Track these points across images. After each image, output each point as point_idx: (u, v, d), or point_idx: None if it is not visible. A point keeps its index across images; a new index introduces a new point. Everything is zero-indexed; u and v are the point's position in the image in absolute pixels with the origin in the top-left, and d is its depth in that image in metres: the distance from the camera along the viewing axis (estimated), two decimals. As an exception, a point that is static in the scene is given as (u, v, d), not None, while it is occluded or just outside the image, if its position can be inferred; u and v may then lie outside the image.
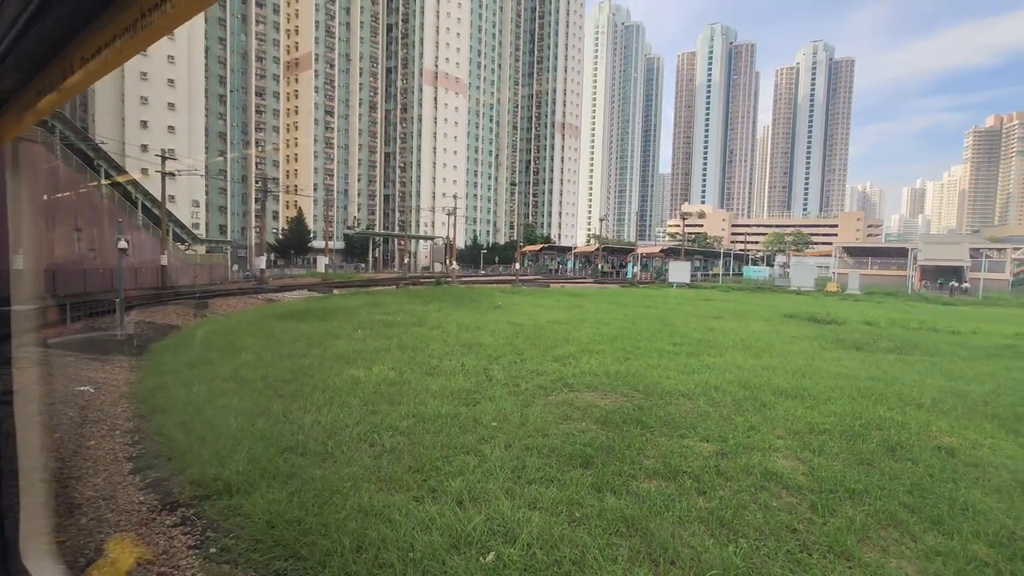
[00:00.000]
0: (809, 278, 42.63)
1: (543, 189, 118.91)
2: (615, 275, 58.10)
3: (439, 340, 13.94)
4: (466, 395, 8.62)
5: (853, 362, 12.71)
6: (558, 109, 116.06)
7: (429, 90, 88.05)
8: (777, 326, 19.61)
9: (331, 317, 18.03)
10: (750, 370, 11.12)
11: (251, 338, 13.65)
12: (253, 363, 10.60)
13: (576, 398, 8.73)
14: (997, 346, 16.13)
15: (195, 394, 8.25)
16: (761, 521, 4.68)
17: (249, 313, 19.47)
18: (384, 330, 15.59)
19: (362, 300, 24.43)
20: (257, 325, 16.21)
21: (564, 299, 28.60)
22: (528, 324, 17.62)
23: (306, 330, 15.17)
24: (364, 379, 9.47)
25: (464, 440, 6.51)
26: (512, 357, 11.92)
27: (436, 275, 45.07)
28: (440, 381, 9.52)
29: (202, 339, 13.47)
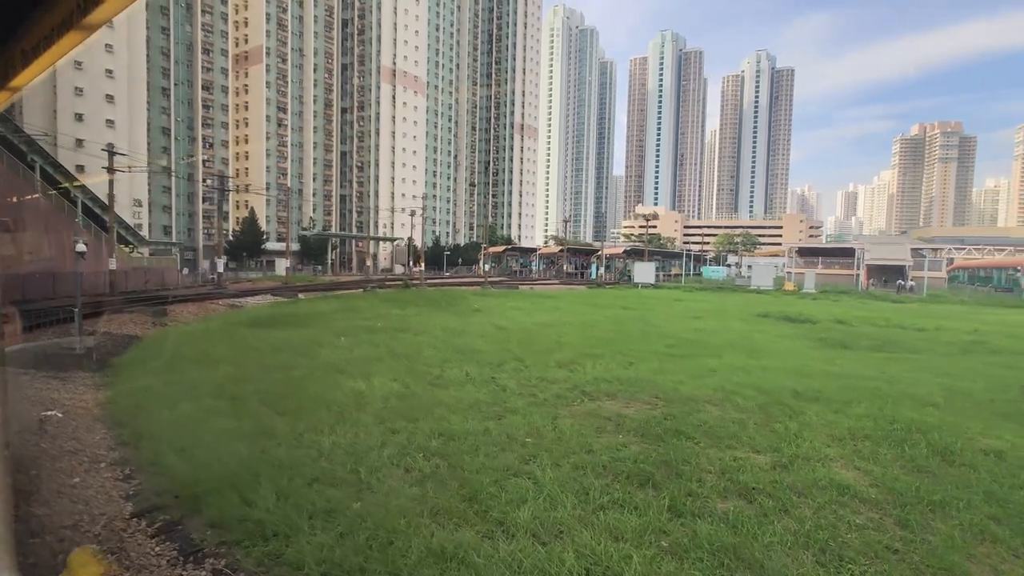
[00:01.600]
0: (768, 278, 44.15)
1: (502, 190, 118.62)
2: (580, 276, 58.44)
3: (430, 347, 13.27)
4: (486, 408, 8.07)
5: (847, 361, 12.91)
6: (517, 110, 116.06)
7: (387, 88, 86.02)
8: (756, 325, 19.93)
9: (307, 324, 16.98)
10: (756, 372, 11.05)
11: (225, 348, 12.57)
12: (237, 377, 9.66)
13: (599, 407, 8.33)
14: (965, 342, 16.87)
15: (183, 415, 7.34)
16: (858, 542, 4.39)
17: (214, 320, 18.11)
18: (368, 337, 14.76)
19: (333, 305, 23.32)
20: (227, 333, 15.03)
21: (539, 301, 28.29)
22: (515, 328, 17.15)
23: (284, 338, 14.15)
24: (368, 393, 8.76)
25: (506, 460, 5.97)
26: (515, 364, 11.42)
27: (403, 277, 43.89)
28: (451, 393, 8.93)
29: (171, 351, 12.29)
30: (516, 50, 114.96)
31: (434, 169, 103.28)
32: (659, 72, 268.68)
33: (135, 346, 13.13)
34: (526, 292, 36.52)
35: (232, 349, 12.39)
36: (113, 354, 12.06)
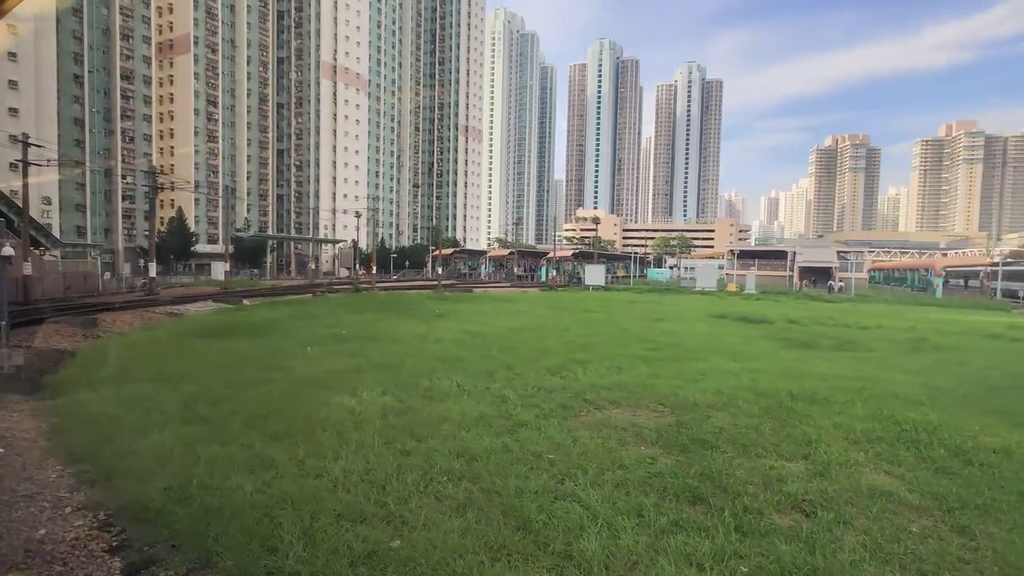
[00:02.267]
0: (712, 280, 46.00)
1: (447, 192, 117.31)
2: (530, 278, 58.58)
3: (409, 356, 12.60)
4: (494, 422, 7.59)
5: (820, 362, 13.36)
6: (461, 112, 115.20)
7: (327, 85, 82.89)
8: (718, 326, 20.47)
9: (264, 332, 15.77)
10: (744, 375, 11.18)
11: (181, 362, 11.35)
12: (207, 396, 8.67)
13: (609, 417, 8.06)
14: (909, 339, 18.02)
15: (157, 445, 6.40)
16: (927, 552, 4.32)
17: (156, 330, 16.44)
18: (338, 346, 13.87)
19: (286, 311, 21.92)
20: (177, 345, 13.67)
21: (500, 305, 27.92)
22: (489, 333, 16.70)
23: (244, 350, 13.01)
24: (362, 409, 8.06)
25: (540, 481, 5.55)
26: (504, 372, 10.99)
27: (352, 281, 42.18)
28: (450, 406, 8.38)
29: (116, 367, 10.94)
30: (460, 51, 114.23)
31: (377, 170, 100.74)
32: (598, 79, 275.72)
33: (69, 362, 11.64)
34: (481, 296, 36.04)
35: (190, 363, 11.19)
36: (44, 372, 10.61)
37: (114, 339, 15.00)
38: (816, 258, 52.63)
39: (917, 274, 53.83)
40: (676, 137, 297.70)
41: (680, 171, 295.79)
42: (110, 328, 16.76)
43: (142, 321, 18.56)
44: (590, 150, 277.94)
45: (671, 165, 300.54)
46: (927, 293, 45.97)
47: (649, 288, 47.02)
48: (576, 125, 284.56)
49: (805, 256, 52.20)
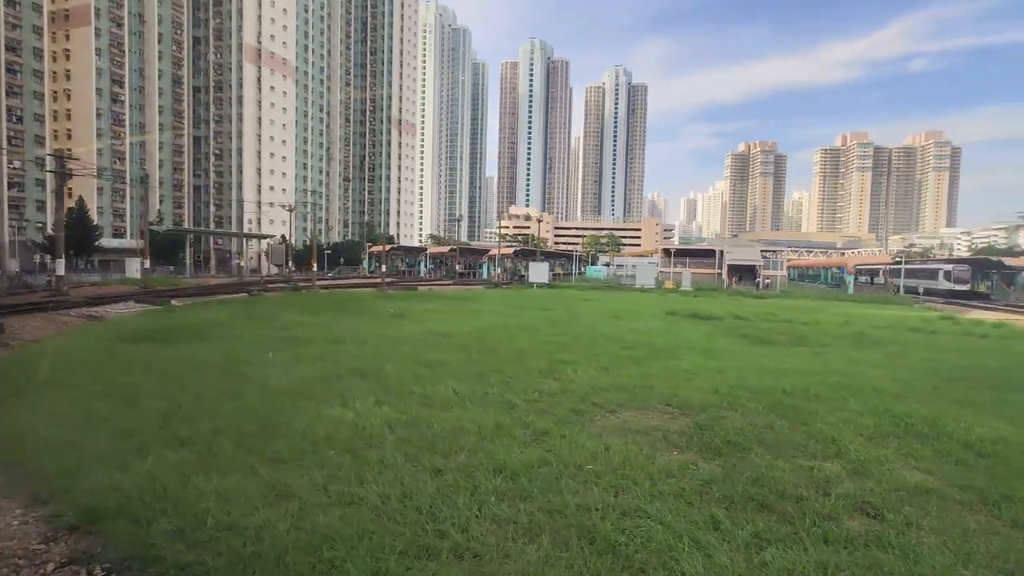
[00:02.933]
0: (650, 278, 47.66)
1: (379, 187, 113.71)
2: (472, 276, 57.94)
3: (386, 359, 11.81)
4: (516, 432, 7.14)
5: (785, 357, 13.92)
6: (394, 104, 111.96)
7: (251, 69, 77.53)
8: (676, 323, 21.01)
9: (208, 337, 14.29)
10: (729, 372, 11.39)
11: (124, 373, 9.97)
12: (175, 412, 7.58)
13: (626, 421, 7.85)
14: (849, 334, 19.34)
15: (147, 477, 5.43)
16: (1000, 549, 4.40)
17: (80, 337, 14.44)
18: (301, 350, 12.80)
19: (225, 313, 20.14)
20: (112, 354, 12.06)
21: (454, 304, 27.26)
22: (458, 334, 16.11)
23: (195, 357, 11.69)
24: (363, 422, 7.34)
25: (596, 496, 5.21)
26: (496, 376, 10.52)
27: (286, 279, 39.67)
28: (459, 415, 7.82)
29: (49, 382, 9.42)
30: (392, 42, 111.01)
31: (305, 162, 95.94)
32: (529, 78, 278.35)
33: (-18, 377, 9.91)
34: (428, 294, 35.11)
35: (138, 374, 9.85)
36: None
37: (30, 348, 13.02)
38: (742, 257, 55.97)
39: (830, 272, 58.98)
40: (604, 138, 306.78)
41: (608, 171, 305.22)
42: (19, 335, 14.58)
43: (57, 326, 16.32)
44: (522, 148, 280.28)
45: (599, 165, 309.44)
46: (840, 289, 50.29)
47: (591, 285, 47.93)
48: (508, 123, 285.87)
49: (733, 255, 55.36)
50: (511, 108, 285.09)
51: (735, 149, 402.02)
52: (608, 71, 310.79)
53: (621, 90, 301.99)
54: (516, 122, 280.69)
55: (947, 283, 45.38)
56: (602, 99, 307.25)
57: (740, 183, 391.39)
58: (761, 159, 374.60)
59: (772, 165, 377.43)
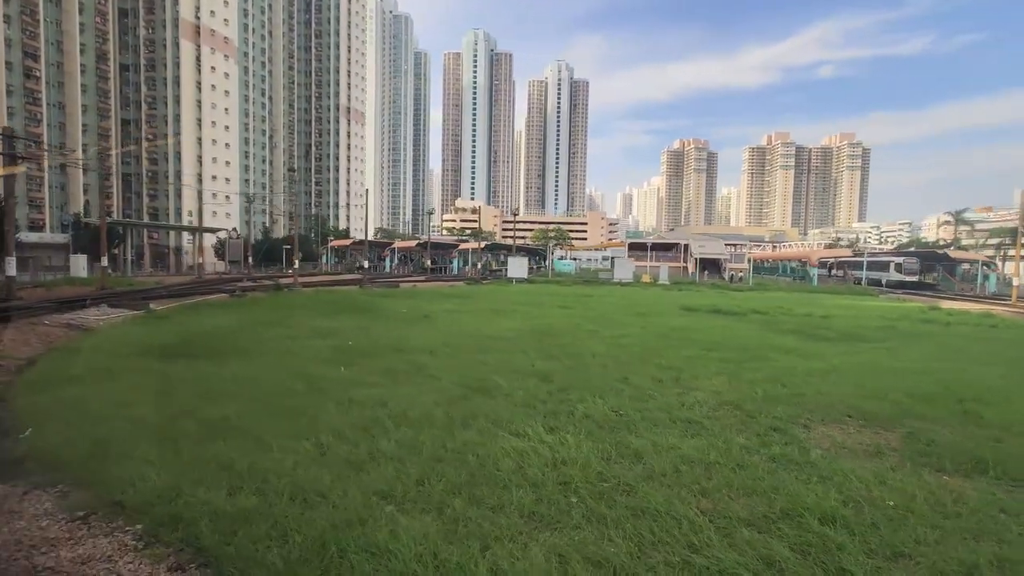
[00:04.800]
0: (628, 271, 47.87)
1: (327, 178, 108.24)
2: (443, 271, 56.08)
3: (491, 372, 10.48)
4: (746, 463, 6.18)
5: (872, 355, 13.68)
6: (342, 91, 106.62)
7: (189, 47, 70.97)
8: (712, 320, 20.63)
9: (248, 350, 12.33)
10: (850, 374, 10.93)
11: (208, 402, 8.17)
12: (331, 455, 6.07)
13: (836, 438, 7.06)
14: (877, 327, 19.70)
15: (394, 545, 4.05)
16: None
17: (89, 355, 12.02)
18: (370, 362, 11.24)
19: (233, 318, 17.87)
20: (152, 376, 10.04)
21: (461, 302, 25.80)
22: (513, 336, 14.89)
23: (260, 376, 9.92)
24: (567, 456, 6.13)
25: (935, 546, 4.37)
26: (626, 387, 9.51)
27: (260, 277, 36.40)
28: (656, 439, 6.73)
29: (116, 431, 7.50)
30: (340, 25, 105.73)
31: (247, 150, 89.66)
32: (473, 69, 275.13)
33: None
34: (415, 291, 33.34)
35: (223, 403, 8.08)
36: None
37: (33, 371, 10.66)
38: (709, 250, 57.50)
39: (788, 265, 62.04)
40: (547, 132, 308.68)
41: (551, 165, 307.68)
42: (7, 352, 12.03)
43: (40, 339, 13.66)
44: (466, 141, 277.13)
45: (543, 159, 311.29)
46: (805, 281, 52.83)
47: (572, 280, 47.55)
48: (452, 115, 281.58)
49: (700, 249, 56.74)
50: (455, 100, 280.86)
51: (671, 146, 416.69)
52: (550, 65, 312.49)
53: (563, 85, 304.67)
54: (460, 114, 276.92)
55: (898, 274, 48.65)
56: (544, 93, 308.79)
57: (675, 179, 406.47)
58: (695, 156, 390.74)
59: (705, 162, 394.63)
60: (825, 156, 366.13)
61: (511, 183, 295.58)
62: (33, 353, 12.23)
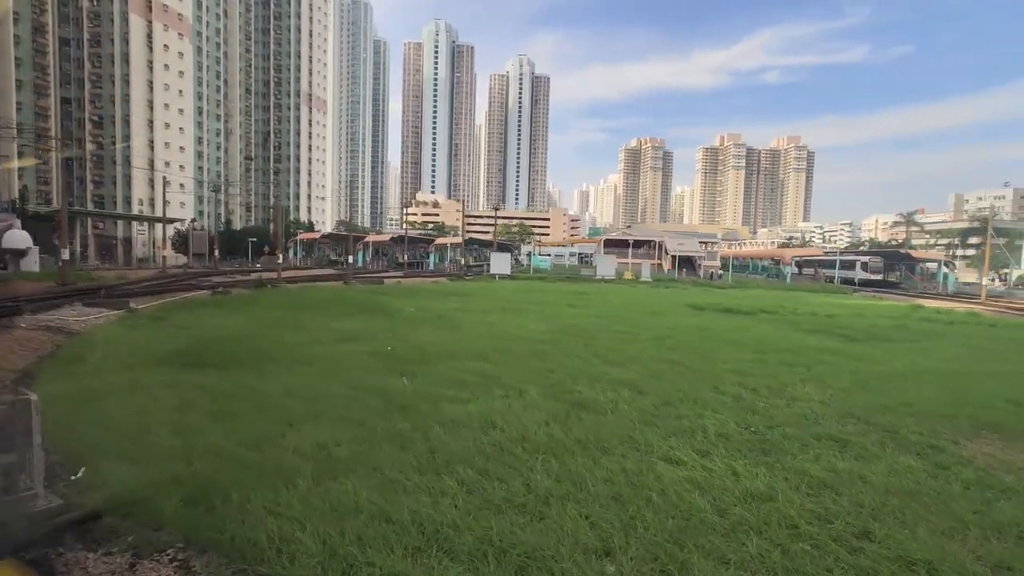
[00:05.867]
0: (611, 268, 47.74)
1: (287, 167, 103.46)
2: (420, 267, 54.34)
3: (577, 382, 9.62)
4: (951, 487, 5.60)
5: (908, 356, 13.67)
6: (303, 77, 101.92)
7: (139, 23, 65.73)
8: (727, 320, 20.42)
9: (276, 357, 10.97)
10: (926, 380, 10.68)
11: (318, 425, 6.96)
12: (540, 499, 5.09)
13: (996, 457, 6.65)
14: (889, 326, 19.99)
15: None
16: None
17: (98, 366, 10.34)
18: (428, 367, 10.12)
19: (238, 319, 16.21)
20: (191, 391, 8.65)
21: (463, 300, 24.71)
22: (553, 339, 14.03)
23: (326, 393, 8.69)
24: (768, 490, 5.37)
25: None
26: (718, 397, 8.87)
27: (258, 272, 33.89)
28: (850, 467, 6.09)
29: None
30: (300, 6, 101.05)
31: (200, 135, 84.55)
32: (434, 60, 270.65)
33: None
34: (401, 288, 31.89)
35: (316, 427, 6.92)
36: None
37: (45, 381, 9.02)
38: (684, 248, 58.26)
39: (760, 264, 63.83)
40: (508, 127, 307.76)
41: (512, 161, 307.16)
42: None
43: (23, 346, 11.80)
44: (427, 133, 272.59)
45: (504, 154, 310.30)
46: (778, 279, 54.34)
47: (555, 277, 46.98)
48: (412, 106, 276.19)
49: (677, 246, 57.41)
50: (415, 91, 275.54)
51: (628, 145, 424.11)
52: (512, 60, 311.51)
53: (525, 80, 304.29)
54: (420, 105, 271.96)
55: (864, 273, 50.72)
56: (506, 88, 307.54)
57: (633, 176, 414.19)
58: (651, 155, 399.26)
59: (661, 161, 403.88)
60: (773, 158, 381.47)
61: (472, 178, 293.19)
62: (24, 363, 10.46)
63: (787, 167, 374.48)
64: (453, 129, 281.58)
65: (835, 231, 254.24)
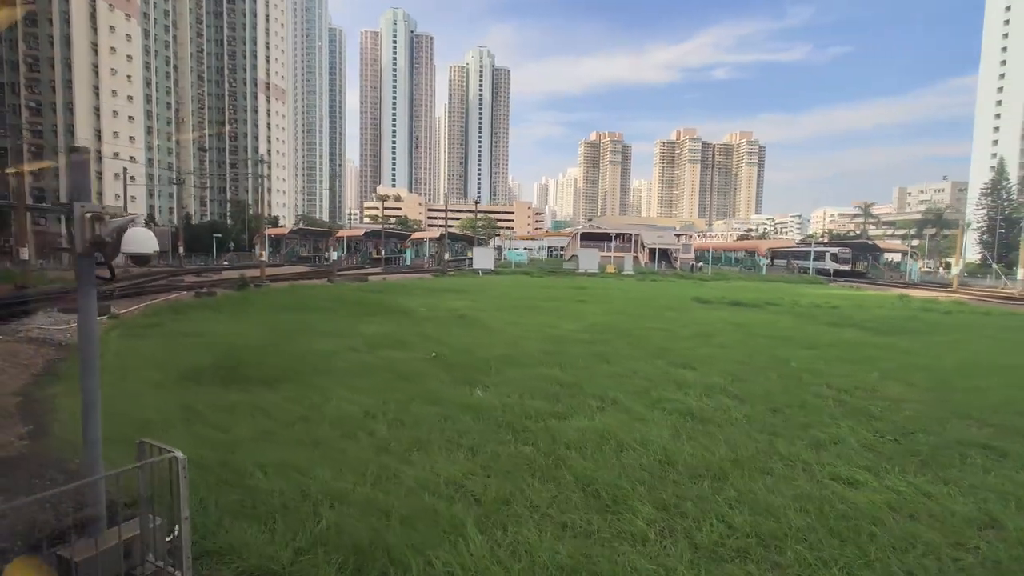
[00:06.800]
0: (593, 262, 47.53)
1: (244, 159, 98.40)
2: (396, 262, 52.56)
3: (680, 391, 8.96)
4: None
5: (942, 348, 13.73)
6: (260, 64, 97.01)
7: (81, 2, 60.71)
8: (745, 314, 20.21)
9: (336, 373, 9.84)
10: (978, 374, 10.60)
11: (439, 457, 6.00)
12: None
13: None
14: (898, 316, 20.34)
15: None
16: None
17: (144, 383, 8.91)
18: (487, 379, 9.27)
19: (245, 325, 14.80)
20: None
21: (467, 297, 23.73)
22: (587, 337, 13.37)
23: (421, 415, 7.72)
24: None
25: None
26: (825, 403, 8.41)
27: (241, 271, 31.53)
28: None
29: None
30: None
31: (149, 125, 79.41)
32: (392, 50, 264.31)
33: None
34: (390, 284, 30.58)
35: (448, 460, 5.99)
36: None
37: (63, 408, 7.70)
38: (661, 241, 58.78)
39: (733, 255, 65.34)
40: (469, 120, 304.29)
41: (474, 153, 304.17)
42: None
43: (10, 362, 10.21)
44: (386, 125, 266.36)
45: (465, 147, 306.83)
46: (754, 271, 55.53)
47: (540, 271, 46.32)
48: (370, 97, 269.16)
49: (657, 239, 57.81)
50: (372, 82, 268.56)
51: (588, 139, 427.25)
52: (472, 51, 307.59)
53: (486, 72, 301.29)
54: (379, 96, 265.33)
55: (834, 264, 52.46)
56: (466, 80, 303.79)
57: (592, 170, 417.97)
58: (611, 148, 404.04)
59: (620, 155, 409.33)
60: (727, 152, 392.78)
61: (433, 171, 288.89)
62: (19, 383, 8.99)
63: (740, 161, 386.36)
64: (413, 121, 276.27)
65: (786, 223, 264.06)
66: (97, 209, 3.27)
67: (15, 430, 6.89)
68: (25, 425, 7.09)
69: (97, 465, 3.49)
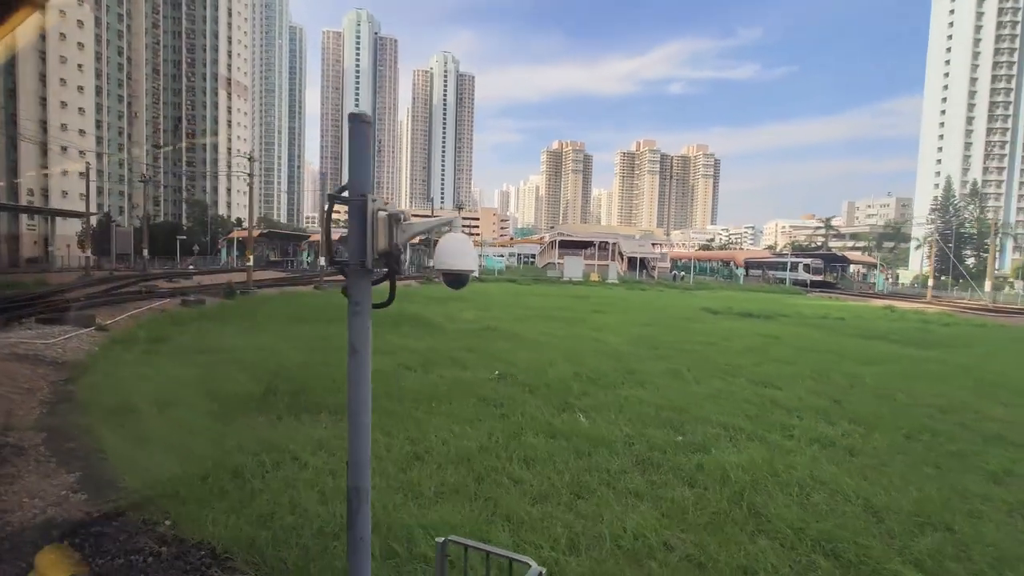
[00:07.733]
0: (578, 270, 47.23)
1: (202, 158, 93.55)
2: (375, 268, 50.35)
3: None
4: None
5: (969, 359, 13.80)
6: (220, 58, 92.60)
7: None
8: (764, 326, 20.09)
9: (395, 396, 8.77)
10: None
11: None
12: None
13: None
14: (908, 328, 20.66)
15: None
16: None
17: (211, 423, 7.55)
18: (579, 402, 8.45)
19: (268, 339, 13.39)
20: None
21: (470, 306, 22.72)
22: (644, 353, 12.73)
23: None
24: None
25: None
26: (950, 428, 8.00)
27: (227, 276, 29.10)
28: None
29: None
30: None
31: (99, 119, 74.41)
32: (356, 51, 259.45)
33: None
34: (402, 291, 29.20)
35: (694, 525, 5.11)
36: None
37: (112, 446, 6.38)
38: (637, 250, 59.18)
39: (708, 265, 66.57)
40: (433, 125, 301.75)
41: (437, 159, 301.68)
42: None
43: (10, 385, 8.67)
44: (347, 127, 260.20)
45: (428, 152, 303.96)
46: (731, 281, 56.56)
47: (523, 279, 45.57)
48: (331, 98, 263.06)
49: (638, 247, 58.13)
50: (335, 83, 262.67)
51: (550, 147, 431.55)
52: (436, 56, 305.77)
53: (450, 77, 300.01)
54: (341, 98, 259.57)
55: (806, 274, 54.10)
56: (430, 84, 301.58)
57: (555, 178, 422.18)
58: (572, 157, 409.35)
59: (581, 163, 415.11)
60: (685, 164, 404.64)
61: (395, 175, 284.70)
62: (33, 416, 7.51)
63: (696, 173, 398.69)
64: (376, 124, 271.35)
65: (740, 233, 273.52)
66: (391, 207, 2.28)
67: (61, 479, 5.57)
68: (70, 472, 5.76)
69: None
